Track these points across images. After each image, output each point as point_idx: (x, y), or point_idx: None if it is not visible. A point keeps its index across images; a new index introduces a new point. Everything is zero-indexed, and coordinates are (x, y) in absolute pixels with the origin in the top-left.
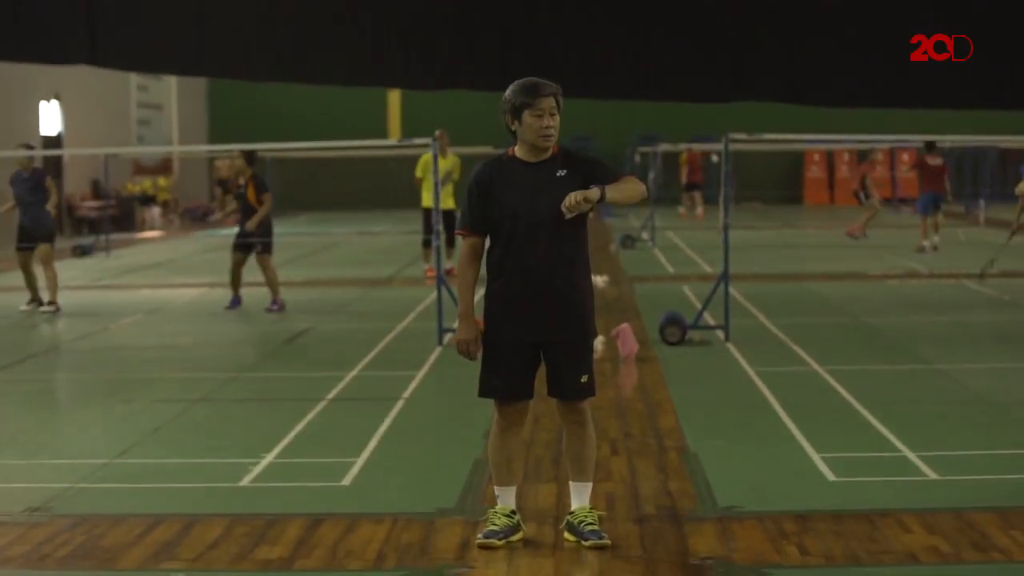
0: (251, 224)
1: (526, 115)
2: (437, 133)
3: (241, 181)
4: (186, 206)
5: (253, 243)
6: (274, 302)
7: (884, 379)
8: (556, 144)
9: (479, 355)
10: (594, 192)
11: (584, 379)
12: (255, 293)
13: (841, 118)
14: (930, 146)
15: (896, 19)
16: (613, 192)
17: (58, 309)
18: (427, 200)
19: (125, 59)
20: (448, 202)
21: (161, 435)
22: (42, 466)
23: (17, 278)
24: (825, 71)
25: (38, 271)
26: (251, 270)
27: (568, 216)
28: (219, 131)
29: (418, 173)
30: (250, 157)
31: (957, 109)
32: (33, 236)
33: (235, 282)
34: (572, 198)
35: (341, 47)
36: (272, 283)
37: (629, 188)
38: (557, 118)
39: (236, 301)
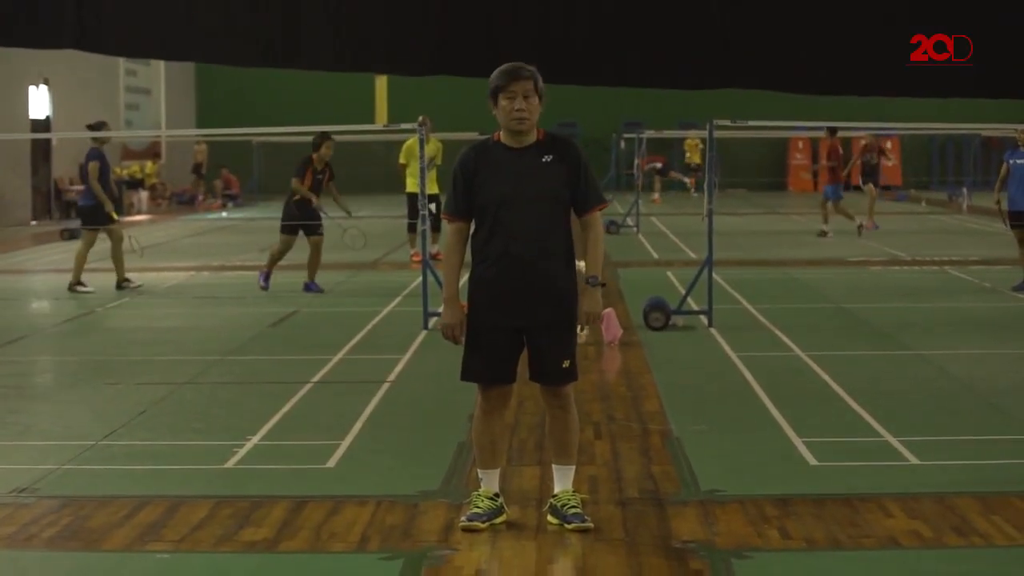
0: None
1: (501, 98)
2: (420, 119)
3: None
4: (173, 190)
5: (302, 225)
6: (266, 280)
7: (866, 365)
8: (541, 129)
9: (463, 339)
10: (598, 308)
11: (566, 364)
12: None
13: (825, 106)
14: (834, 132)
15: (882, 6)
16: (598, 267)
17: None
18: (411, 185)
19: (113, 44)
20: (431, 187)
21: (147, 417)
22: (29, 448)
23: (9, 260)
24: (809, 58)
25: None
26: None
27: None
28: (207, 116)
29: (401, 159)
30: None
31: (943, 98)
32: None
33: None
34: (587, 321)
35: (328, 32)
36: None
37: (600, 247)
38: (534, 101)
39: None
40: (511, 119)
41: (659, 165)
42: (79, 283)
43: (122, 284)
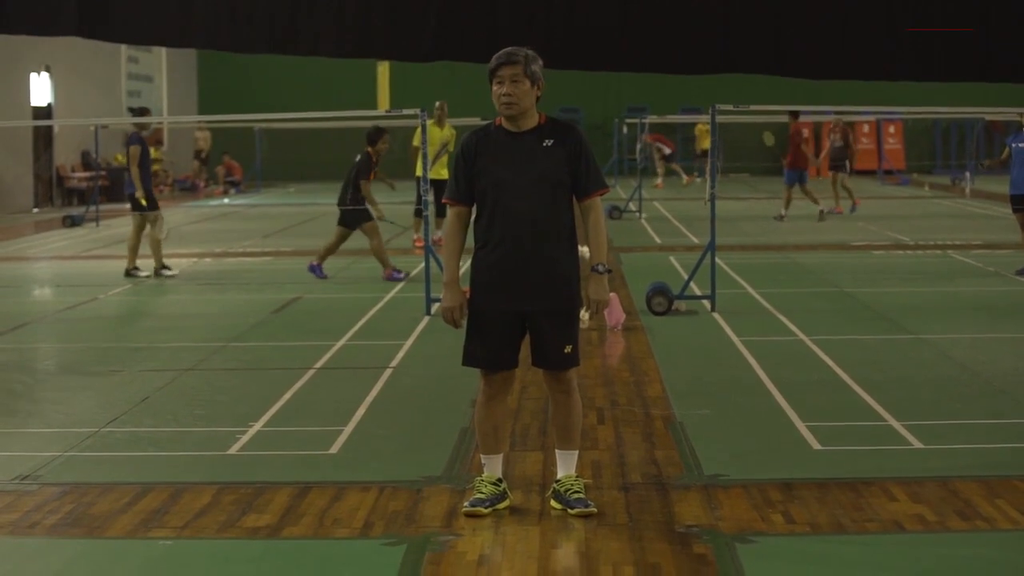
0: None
1: (493, 83)
2: (437, 104)
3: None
4: (176, 177)
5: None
6: (397, 271)
7: (869, 348)
8: (543, 114)
9: (464, 323)
10: (605, 295)
11: (568, 349)
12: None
13: (828, 90)
14: (796, 115)
15: None
16: (602, 253)
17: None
18: (420, 169)
19: (115, 31)
20: (442, 172)
21: (150, 404)
22: (31, 435)
23: (11, 247)
24: (812, 43)
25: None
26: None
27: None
28: (209, 102)
29: (415, 142)
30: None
31: (944, 81)
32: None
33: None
34: (595, 309)
35: (329, 18)
36: (378, 252)
37: (602, 233)
38: (523, 86)
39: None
40: (499, 103)
41: (668, 151)
42: (164, 267)
43: (130, 272)
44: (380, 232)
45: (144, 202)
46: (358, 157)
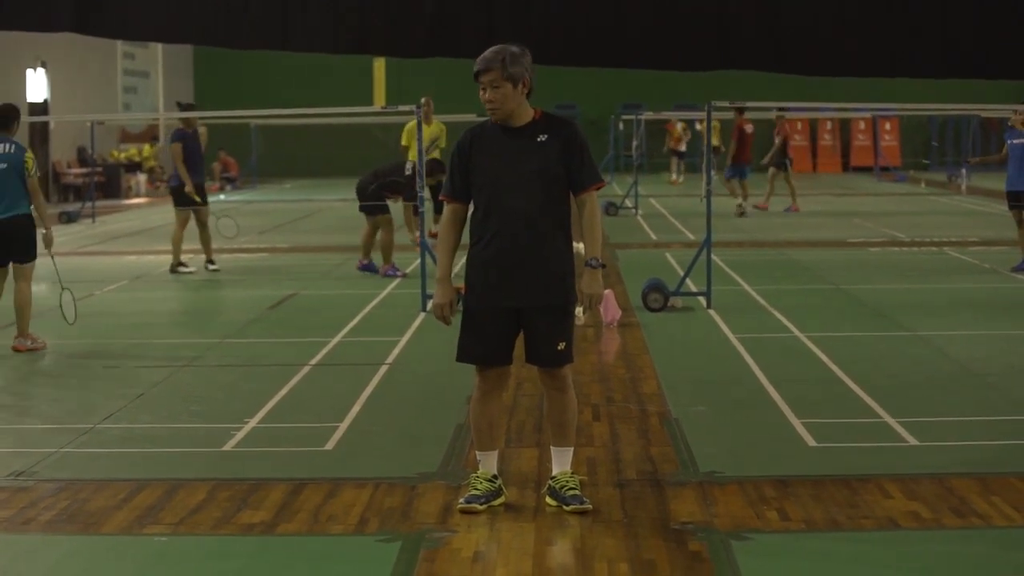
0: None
1: (479, 87)
2: (423, 100)
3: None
4: (172, 173)
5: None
6: (395, 268)
7: (865, 345)
8: (538, 110)
9: (454, 319)
10: (599, 289)
11: (562, 346)
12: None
13: (824, 87)
14: (742, 111)
15: None
16: (597, 248)
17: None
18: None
19: (111, 27)
20: None
21: (145, 400)
22: (27, 431)
23: None
24: (807, 40)
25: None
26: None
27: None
28: (205, 98)
29: (404, 141)
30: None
31: (939, 79)
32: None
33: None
34: (588, 303)
35: (325, 14)
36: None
37: (597, 227)
38: (503, 89)
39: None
40: (486, 108)
41: (683, 148)
42: (180, 264)
43: (207, 265)
44: (393, 228)
45: (197, 197)
46: (407, 170)
